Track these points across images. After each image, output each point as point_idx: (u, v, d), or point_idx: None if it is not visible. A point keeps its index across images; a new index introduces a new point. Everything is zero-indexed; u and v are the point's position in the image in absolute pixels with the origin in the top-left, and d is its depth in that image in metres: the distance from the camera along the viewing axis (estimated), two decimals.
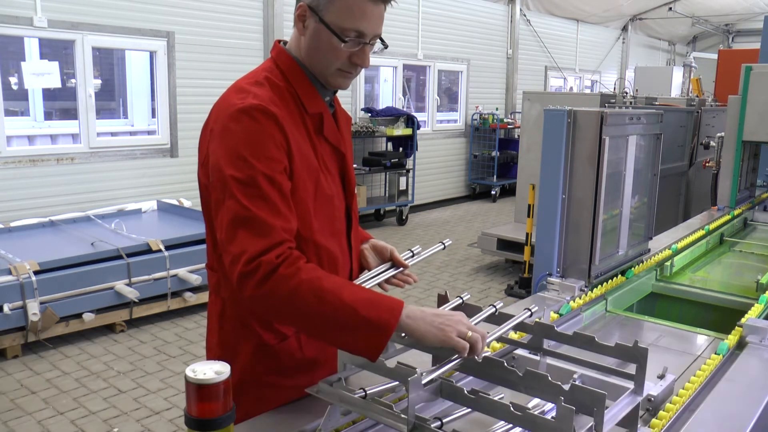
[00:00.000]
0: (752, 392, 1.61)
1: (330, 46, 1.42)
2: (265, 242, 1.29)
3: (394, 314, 1.26)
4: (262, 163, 1.33)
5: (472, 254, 7.42)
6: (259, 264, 1.27)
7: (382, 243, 1.68)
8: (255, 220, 1.31)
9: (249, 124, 1.35)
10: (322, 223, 1.50)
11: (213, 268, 1.58)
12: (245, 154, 1.33)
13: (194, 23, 6.85)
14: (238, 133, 1.35)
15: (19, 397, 3.88)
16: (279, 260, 1.28)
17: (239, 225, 1.31)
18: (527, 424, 1.15)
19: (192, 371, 1.01)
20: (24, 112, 6.35)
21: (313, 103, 1.49)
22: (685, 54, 16.59)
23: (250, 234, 1.30)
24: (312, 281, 1.27)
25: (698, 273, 3.08)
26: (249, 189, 1.32)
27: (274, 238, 1.30)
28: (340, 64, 1.45)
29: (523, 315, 1.47)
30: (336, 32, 1.40)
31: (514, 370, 1.24)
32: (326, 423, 1.29)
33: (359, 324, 1.25)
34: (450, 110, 11.13)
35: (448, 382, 1.28)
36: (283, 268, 1.27)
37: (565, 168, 2.28)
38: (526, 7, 11.81)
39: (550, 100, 6.76)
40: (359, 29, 1.40)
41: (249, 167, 1.33)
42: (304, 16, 1.43)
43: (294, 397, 1.48)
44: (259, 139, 1.35)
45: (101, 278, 4.70)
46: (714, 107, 6.98)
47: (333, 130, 1.54)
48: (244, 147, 1.34)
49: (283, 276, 1.27)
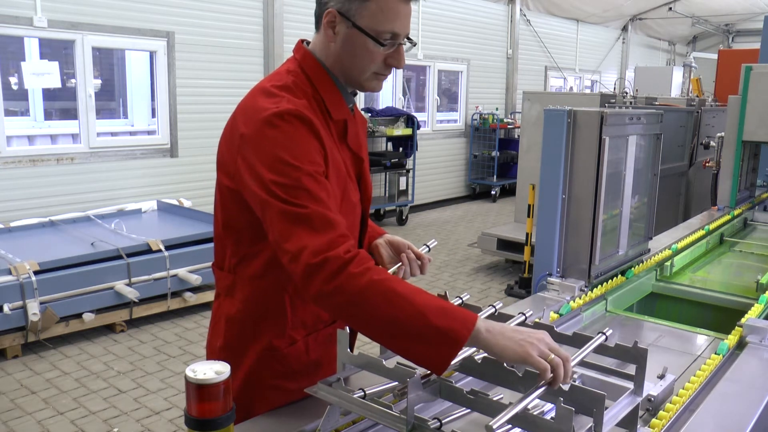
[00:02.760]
0: (752, 392, 1.61)
1: (365, 50, 1.40)
2: (328, 236, 1.25)
3: (467, 326, 1.20)
4: (305, 165, 1.30)
5: (472, 254, 7.42)
6: (325, 259, 1.22)
7: (398, 239, 1.65)
8: (310, 217, 1.26)
9: (287, 129, 1.32)
10: None
11: (221, 267, 1.54)
12: (287, 158, 1.29)
13: (194, 23, 6.85)
14: (276, 137, 1.31)
15: (19, 397, 3.88)
16: (348, 256, 1.23)
17: (294, 223, 1.26)
18: (527, 425, 1.14)
19: (192, 371, 1.01)
20: (24, 112, 6.35)
21: (338, 110, 1.46)
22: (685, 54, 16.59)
23: (308, 230, 1.25)
24: (383, 282, 1.23)
25: (698, 273, 3.08)
26: (296, 192, 1.28)
27: (336, 232, 1.26)
28: (375, 67, 1.43)
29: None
30: (372, 36, 1.38)
31: (513, 371, 1.24)
32: (325, 423, 1.28)
33: (429, 332, 1.19)
34: (450, 110, 11.13)
35: (447, 383, 1.28)
36: (353, 266, 1.22)
37: (565, 168, 2.28)
38: (526, 7, 11.81)
39: (550, 100, 6.76)
40: (394, 30, 1.39)
41: (293, 170, 1.29)
42: (333, 22, 1.39)
43: (297, 399, 1.48)
44: (298, 143, 1.32)
45: (101, 278, 4.70)
46: (714, 107, 6.99)
47: (355, 137, 1.52)
48: (284, 151, 1.30)
49: (352, 274, 1.22)
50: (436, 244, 1.71)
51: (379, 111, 9.04)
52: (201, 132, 6.83)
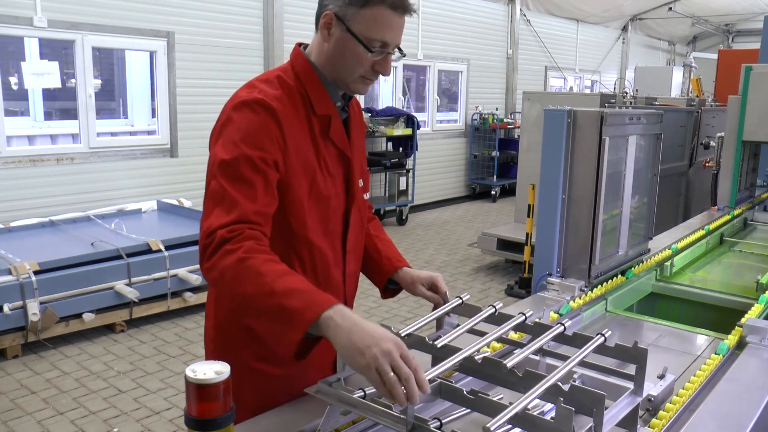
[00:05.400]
0: (752, 392, 1.61)
1: (355, 54, 1.46)
2: (229, 218, 1.33)
3: (314, 309, 1.19)
4: (249, 149, 1.38)
5: (472, 254, 7.42)
6: (212, 238, 1.31)
7: (428, 274, 1.67)
8: (228, 199, 1.35)
9: (247, 115, 1.41)
10: (315, 222, 1.52)
11: None
12: (236, 139, 1.39)
13: (194, 23, 6.86)
14: (236, 121, 1.42)
15: (19, 397, 3.88)
16: (230, 235, 1.30)
17: (215, 203, 1.37)
18: (527, 425, 1.14)
19: (192, 371, 1.01)
20: (24, 112, 6.35)
21: (322, 105, 1.53)
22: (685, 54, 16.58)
23: (221, 211, 1.35)
24: (248, 260, 1.27)
25: (698, 273, 3.08)
26: (231, 170, 1.37)
27: (238, 216, 1.33)
28: (362, 71, 1.49)
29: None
30: (363, 42, 1.44)
31: (513, 371, 1.24)
32: (325, 423, 1.28)
33: (276, 312, 1.23)
34: (450, 110, 11.13)
35: (448, 383, 1.28)
36: (229, 244, 1.29)
37: (565, 168, 2.28)
38: (526, 7, 11.81)
39: (550, 100, 6.76)
40: (384, 40, 1.46)
41: (236, 150, 1.38)
42: (330, 24, 1.47)
43: (287, 388, 1.49)
44: (253, 128, 1.40)
45: (101, 278, 4.70)
46: (714, 107, 6.98)
47: (340, 134, 1.57)
48: (237, 133, 1.40)
49: (226, 251, 1.29)
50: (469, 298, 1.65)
51: (379, 111, 9.04)
52: (201, 132, 6.82)
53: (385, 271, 1.72)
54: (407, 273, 1.70)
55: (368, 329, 1.17)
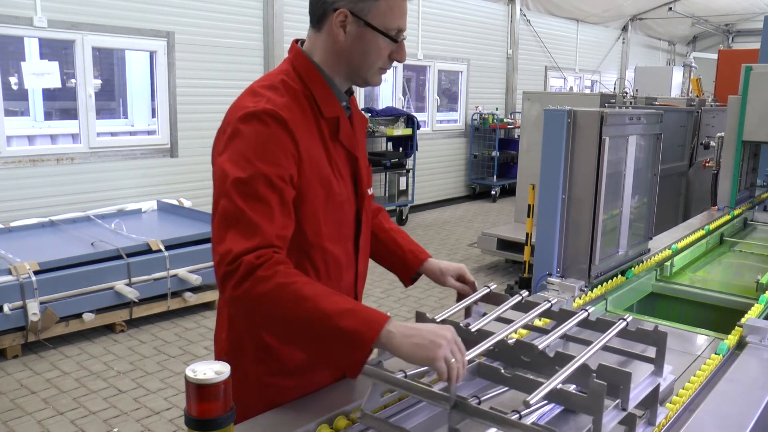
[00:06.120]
0: (752, 392, 1.61)
1: (376, 47, 1.45)
2: (251, 243, 1.27)
3: (373, 327, 1.21)
4: (265, 166, 1.32)
5: (472, 254, 7.42)
6: (238, 264, 1.25)
7: (455, 265, 1.74)
8: (245, 221, 1.29)
9: (258, 128, 1.35)
10: (330, 229, 1.49)
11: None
12: (249, 156, 1.32)
13: (194, 23, 6.85)
14: (246, 135, 1.35)
15: (19, 397, 3.88)
16: (259, 261, 1.25)
17: (230, 225, 1.29)
18: (561, 401, 1.21)
19: (192, 371, 1.01)
20: (24, 112, 6.35)
21: (330, 107, 1.49)
22: (685, 54, 16.58)
23: (238, 234, 1.28)
24: (289, 285, 1.24)
25: (698, 273, 3.08)
26: (246, 188, 1.30)
27: (261, 241, 1.27)
28: (381, 62, 1.48)
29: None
30: (386, 33, 1.44)
31: (544, 353, 1.31)
32: (368, 402, 1.31)
33: (336, 335, 1.21)
34: (450, 110, 11.13)
35: (486, 363, 1.33)
36: (261, 270, 1.24)
37: (565, 168, 2.28)
38: (526, 7, 11.81)
39: (550, 100, 6.76)
40: (400, 27, 1.46)
41: (251, 167, 1.31)
42: (345, 21, 1.43)
43: (295, 397, 1.48)
44: (266, 142, 1.34)
45: (101, 278, 4.70)
46: (714, 107, 6.98)
47: (348, 134, 1.54)
48: (250, 149, 1.33)
49: (260, 278, 1.24)
50: (496, 287, 1.75)
51: (379, 111, 9.03)
52: (201, 132, 6.82)
53: (411, 266, 1.76)
54: (433, 264, 1.74)
55: (422, 329, 1.24)
